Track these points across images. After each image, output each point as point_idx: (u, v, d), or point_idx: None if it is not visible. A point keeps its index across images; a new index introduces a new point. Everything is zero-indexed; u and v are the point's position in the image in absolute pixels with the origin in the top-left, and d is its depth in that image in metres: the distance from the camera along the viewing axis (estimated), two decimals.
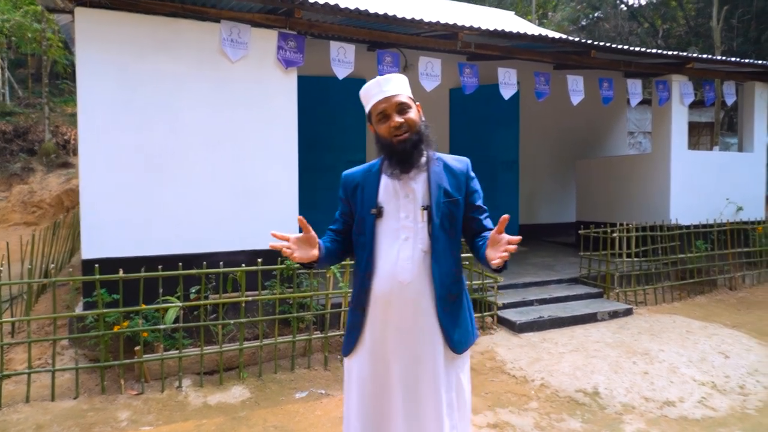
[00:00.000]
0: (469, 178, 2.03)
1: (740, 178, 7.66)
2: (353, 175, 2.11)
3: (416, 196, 1.96)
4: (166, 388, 3.88)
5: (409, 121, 1.91)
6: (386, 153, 1.97)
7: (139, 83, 4.39)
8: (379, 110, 1.93)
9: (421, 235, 1.94)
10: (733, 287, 6.75)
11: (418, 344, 1.95)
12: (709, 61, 7.04)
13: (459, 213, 1.99)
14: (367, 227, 1.98)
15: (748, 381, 4.14)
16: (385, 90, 1.93)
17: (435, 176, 1.97)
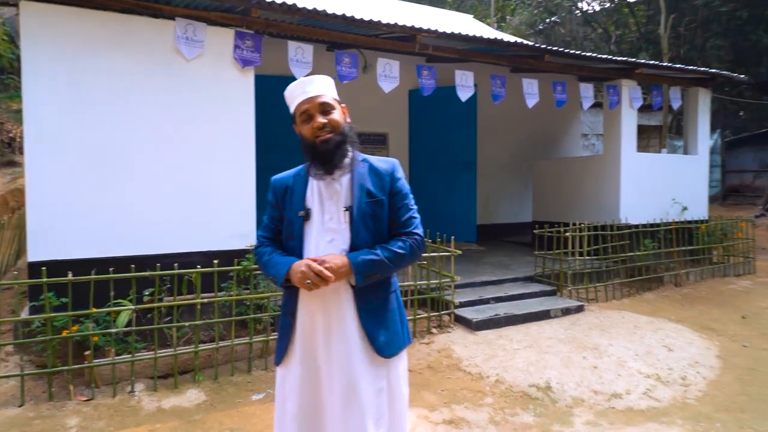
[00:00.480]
0: (394, 178, 2.02)
1: (685, 179, 8.01)
2: (283, 179, 2.10)
3: (340, 197, 1.97)
4: (117, 393, 3.80)
5: (332, 121, 1.94)
6: (310, 154, 1.97)
7: (90, 80, 4.26)
8: (303, 110, 1.95)
9: (345, 236, 1.95)
10: (678, 284, 7.06)
11: (344, 348, 1.93)
12: (656, 67, 7.34)
13: (383, 213, 1.98)
14: (296, 230, 1.99)
15: (689, 372, 4.35)
16: (308, 91, 1.94)
17: (358, 177, 1.98)
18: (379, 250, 1.92)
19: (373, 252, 1.91)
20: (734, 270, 7.84)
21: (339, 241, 1.95)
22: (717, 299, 6.58)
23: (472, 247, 8.27)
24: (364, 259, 1.89)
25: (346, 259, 1.88)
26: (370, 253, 1.91)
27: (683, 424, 3.54)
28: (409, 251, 1.97)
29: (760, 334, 5.30)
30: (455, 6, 20.51)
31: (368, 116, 8.28)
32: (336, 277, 1.84)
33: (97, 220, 4.32)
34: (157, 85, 4.50)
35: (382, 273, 1.94)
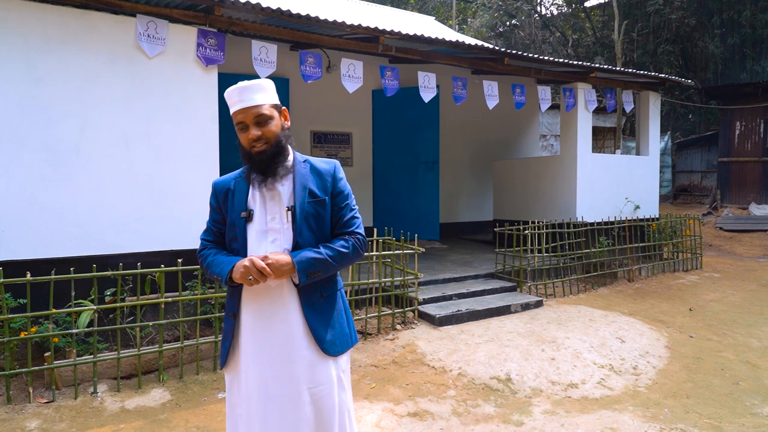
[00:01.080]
0: (336, 179, 2.03)
1: (638, 179, 8.37)
2: (224, 182, 2.10)
3: (282, 198, 1.97)
4: (79, 395, 3.74)
5: (266, 133, 1.91)
6: (247, 162, 1.97)
7: (46, 77, 4.17)
8: (238, 120, 1.93)
9: (287, 236, 1.95)
10: (631, 279, 7.38)
11: (288, 347, 1.92)
12: (610, 71, 7.64)
13: (326, 213, 2.00)
14: (239, 232, 1.98)
15: (640, 362, 4.58)
16: (243, 100, 1.91)
17: (300, 178, 1.98)
18: (322, 249, 1.93)
19: (316, 251, 1.92)
20: (683, 265, 8.24)
21: (282, 241, 1.95)
22: (666, 293, 6.91)
23: (434, 245, 8.42)
24: (308, 257, 1.89)
25: (289, 257, 1.87)
26: (313, 251, 1.91)
27: (634, 410, 3.74)
28: (351, 250, 1.99)
29: (705, 326, 5.61)
30: (417, 7, 20.72)
31: (332, 116, 8.33)
32: (278, 275, 1.84)
33: (55, 220, 4.23)
34: (118, 83, 4.44)
35: (325, 271, 1.94)
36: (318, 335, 1.95)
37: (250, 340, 1.94)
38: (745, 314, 6.06)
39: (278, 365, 1.91)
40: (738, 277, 7.91)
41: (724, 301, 6.61)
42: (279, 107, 2.00)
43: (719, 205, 13.35)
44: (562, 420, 3.61)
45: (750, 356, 4.79)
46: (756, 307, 6.37)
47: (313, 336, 1.94)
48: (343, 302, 2.10)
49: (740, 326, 5.63)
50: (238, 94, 1.91)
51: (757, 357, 4.77)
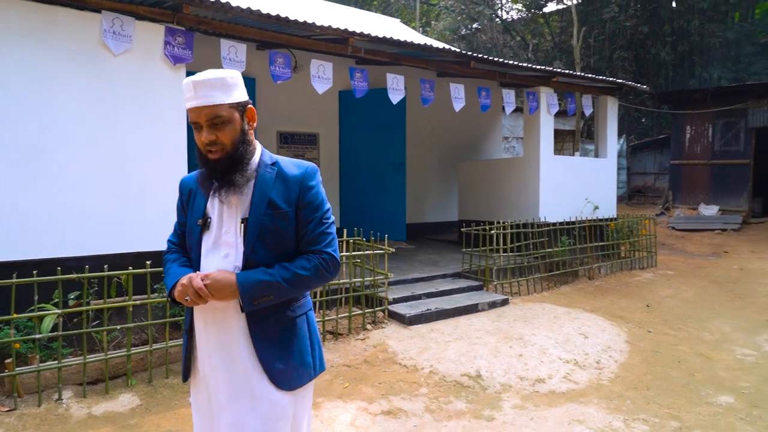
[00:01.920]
0: (304, 187, 1.71)
1: (597, 180, 8.66)
2: (187, 182, 1.86)
3: (238, 207, 1.70)
4: (43, 402, 3.62)
5: (222, 138, 1.63)
6: (201, 166, 1.71)
7: (6, 74, 4.02)
8: (191, 119, 1.65)
9: (239, 252, 1.68)
10: (591, 277, 7.64)
11: (238, 379, 1.68)
12: (571, 75, 7.89)
13: (288, 227, 1.70)
14: (194, 240, 1.76)
15: (603, 357, 4.76)
16: (198, 95, 1.61)
17: (261, 186, 1.69)
18: (276, 270, 1.65)
19: (266, 272, 1.64)
20: (639, 263, 8.57)
21: (234, 257, 1.68)
22: (625, 290, 7.19)
23: (402, 246, 8.49)
24: (255, 279, 1.62)
25: (233, 277, 1.61)
26: (262, 273, 1.63)
27: (599, 402, 3.89)
28: (313, 273, 1.68)
29: (662, 321, 5.87)
30: (381, 9, 20.82)
31: (299, 116, 8.30)
32: (218, 297, 1.60)
33: (15, 221, 4.08)
34: (82, 80, 4.32)
35: (276, 296, 1.65)
36: (269, 367, 1.68)
37: (203, 361, 1.75)
38: (697, 309, 6.36)
39: (228, 393, 1.69)
40: (690, 274, 8.29)
41: (678, 297, 6.92)
42: (243, 106, 1.69)
43: (671, 206, 13.94)
44: (531, 414, 3.72)
45: (703, 349, 5.05)
46: (707, 302, 6.69)
47: (264, 368, 1.68)
48: (309, 326, 1.81)
49: (694, 321, 5.91)
50: (192, 89, 1.62)
51: (710, 350, 5.03)
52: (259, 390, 1.68)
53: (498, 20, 20.33)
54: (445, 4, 20.43)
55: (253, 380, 1.68)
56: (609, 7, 17.04)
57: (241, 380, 1.68)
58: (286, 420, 1.72)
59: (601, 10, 17.63)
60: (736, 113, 12.75)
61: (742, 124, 12.68)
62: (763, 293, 7.08)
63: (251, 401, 1.68)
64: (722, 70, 17.05)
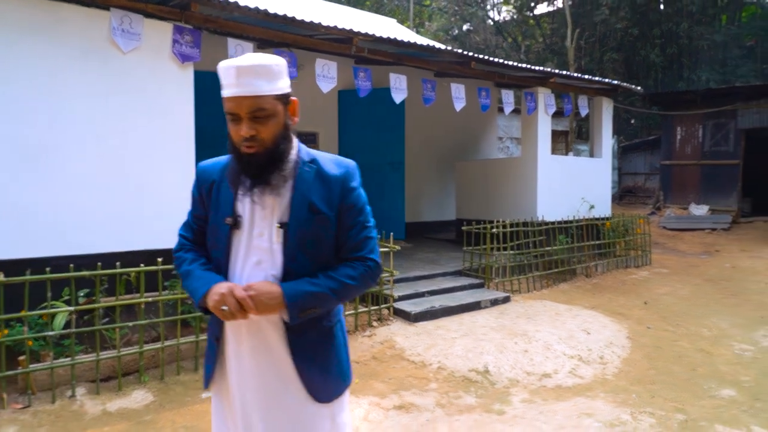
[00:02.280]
0: (346, 188, 1.58)
1: (592, 180, 8.79)
2: (210, 170, 1.67)
3: (274, 208, 1.55)
4: (57, 399, 3.62)
5: (263, 134, 1.47)
6: (234, 160, 1.55)
7: (14, 71, 4.01)
8: (229, 109, 1.48)
9: (276, 259, 1.54)
10: (589, 275, 7.75)
11: (272, 392, 1.58)
12: (568, 77, 8.00)
13: (329, 232, 1.57)
14: (221, 239, 1.58)
15: (606, 352, 4.85)
16: (239, 83, 1.44)
17: (301, 186, 1.54)
18: (322, 280, 1.53)
19: (313, 283, 1.51)
20: (634, 262, 8.71)
21: (267, 265, 1.55)
22: (622, 288, 7.30)
23: (401, 244, 8.54)
24: (303, 290, 1.49)
25: (278, 289, 1.47)
26: (309, 283, 1.51)
27: (605, 396, 3.97)
28: (359, 282, 1.57)
29: (660, 317, 5.98)
30: (374, 9, 20.87)
31: (299, 115, 8.31)
32: (262, 310, 1.45)
33: (24, 220, 4.08)
34: (91, 78, 4.32)
35: (322, 307, 1.55)
36: (308, 380, 1.58)
37: (235, 369, 1.61)
38: (694, 306, 6.49)
39: (264, 410, 1.59)
40: (684, 272, 8.44)
41: (675, 294, 7.05)
42: (286, 98, 1.54)
43: (662, 206, 14.14)
44: (541, 408, 3.79)
45: (703, 345, 5.16)
46: (703, 300, 6.83)
47: (303, 382, 1.58)
48: (342, 335, 1.70)
49: (691, 317, 6.03)
50: (234, 75, 1.44)
51: (710, 345, 5.14)
52: (298, 403, 1.59)
53: (491, 22, 20.48)
54: (437, 5, 20.54)
55: (292, 393, 1.58)
56: (600, 10, 17.26)
57: (278, 392, 1.58)
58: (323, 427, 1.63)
59: (592, 13, 17.86)
60: (725, 115, 12.98)
61: (732, 126, 12.92)
62: (756, 291, 7.24)
63: (289, 414, 1.59)
64: (710, 73, 17.33)
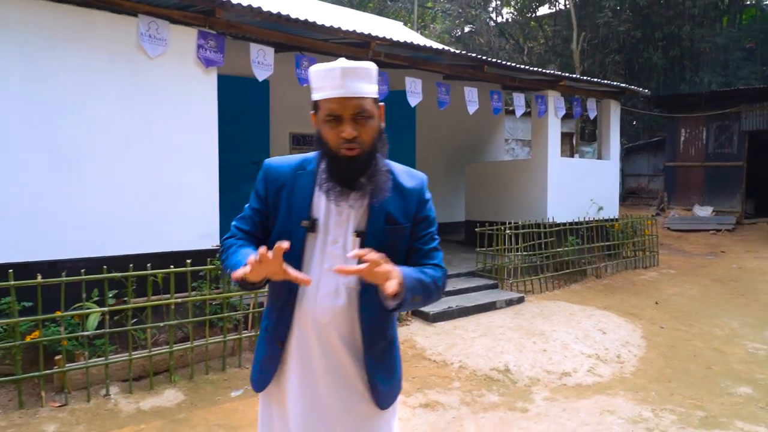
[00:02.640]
0: (421, 201, 1.61)
1: (600, 181, 8.88)
2: (279, 171, 1.62)
3: (351, 217, 1.55)
4: (92, 397, 3.70)
5: (364, 135, 1.47)
6: (327, 164, 1.53)
7: (47, 76, 4.09)
8: (330, 110, 1.46)
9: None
10: (599, 276, 7.84)
11: (342, 399, 1.58)
12: (577, 80, 8.10)
13: (403, 243, 1.58)
14: (295, 243, 1.53)
15: (623, 351, 4.94)
16: (345, 85, 1.43)
17: (380, 195, 1.54)
18: (425, 274, 1.54)
19: (422, 272, 1.54)
20: (642, 263, 8.80)
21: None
22: (632, 288, 7.40)
23: None
24: (414, 276, 1.49)
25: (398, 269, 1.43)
26: (418, 272, 1.52)
27: (625, 394, 4.06)
28: (442, 286, 1.60)
29: (672, 317, 6.08)
30: (377, 11, 20.98)
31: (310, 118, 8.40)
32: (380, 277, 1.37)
33: (56, 222, 4.16)
34: (119, 82, 4.41)
35: (422, 298, 1.53)
36: (375, 387, 1.59)
37: (298, 376, 1.59)
38: (704, 306, 6.58)
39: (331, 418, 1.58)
40: (691, 273, 8.54)
41: (684, 295, 7.14)
42: (377, 101, 1.53)
43: (666, 207, 14.25)
44: (563, 405, 3.88)
45: (716, 344, 5.25)
46: (712, 299, 6.92)
47: (369, 387, 1.59)
48: (396, 342, 1.70)
49: (702, 317, 6.12)
50: (338, 77, 1.43)
51: (723, 344, 5.23)
52: (364, 410, 1.60)
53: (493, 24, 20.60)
54: (441, 8, 20.67)
55: (359, 401, 1.59)
56: (603, 12, 17.37)
57: (347, 400, 1.58)
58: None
59: (595, 15, 17.97)
60: (729, 117, 13.10)
61: (736, 128, 13.03)
62: (765, 291, 7.34)
63: (356, 422, 1.59)
64: (712, 75, 17.45)
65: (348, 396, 1.58)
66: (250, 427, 3.48)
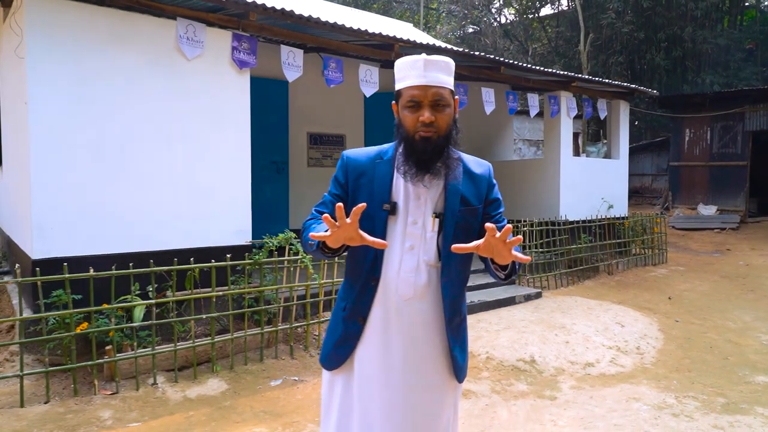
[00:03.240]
0: (491, 185, 1.79)
1: (611, 181, 9.06)
2: (359, 160, 1.77)
3: (428, 199, 1.69)
4: (140, 386, 3.85)
5: (440, 121, 1.62)
6: (405, 147, 1.67)
7: (94, 78, 4.23)
8: (411, 96, 1.62)
9: (429, 247, 1.68)
10: (611, 272, 8.02)
11: (423, 372, 1.70)
12: (588, 80, 8.28)
13: (475, 223, 1.72)
14: (378, 225, 1.68)
15: (642, 343, 5.11)
16: (426, 75, 1.61)
17: (454, 180, 1.70)
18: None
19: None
20: (651, 260, 8.99)
21: (420, 251, 1.68)
22: (644, 284, 7.58)
23: None
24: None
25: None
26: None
27: (648, 383, 4.23)
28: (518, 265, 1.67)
29: (686, 311, 6.25)
30: (381, 11, 21.15)
31: (327, 118, 8.56)
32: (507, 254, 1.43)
33: (102, 218, 4.31)
34: (160, 84, 4.55)
35: (515, 275, 1.68)
36: (454, 359, 1.74)
37: (375, 352, 1.71)
38: (715, 301, 6.77)
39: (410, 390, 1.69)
40: (700, 269, 8.72)
41: (696, 290, 7.32)
42: (454, 94, 1.70)
43: (671, 206, 14.44)
44: (590, 393, 4.05)
45: (731, 336, 5.43)
46: (723, 295, 7.11)
47: (449, 360, 1.74)
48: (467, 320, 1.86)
49: (715, 311, 6.30)
50: (420, 68, 1.61)
51: (737, 336, 5.41)
52: (442, 383, 1.73)
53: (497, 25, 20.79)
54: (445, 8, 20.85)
55: (438, 372, 1.72)
56: (606, 14, 17.55)
57: (425, 372, 1.70)
58: (456, 409, 1.82)
59: (599, 17, 18.15)
60: (733, 117, 13.30)
61: (740, 128, 13.23)
62: None
63: (434, 394, 1.72)
64: (714, 75, 17.65)
65: (426, 368, 1.69)
66: (294, 413, 3.64)
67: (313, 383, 4.12)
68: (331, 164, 8.58)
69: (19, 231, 4.76)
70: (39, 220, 4.04)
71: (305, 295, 4.75)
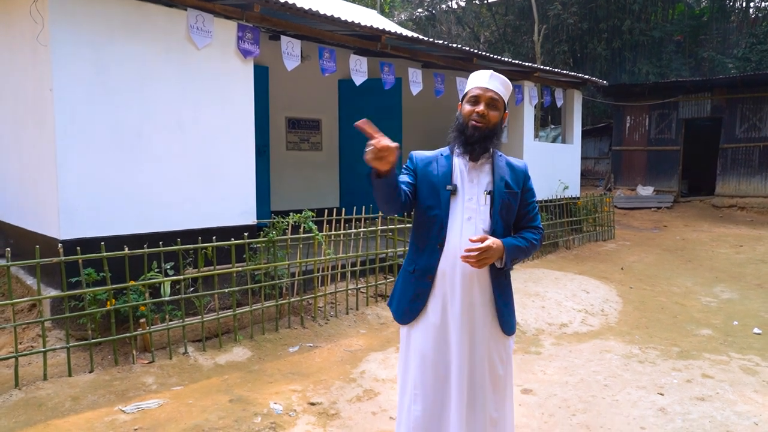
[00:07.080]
0: (527, 176, 2.25)
1: (566, 163, 9.86)
2: (425, 155, 2.29)
3: (481, 182, 2.16)
4: (173, 355, 4.16)
5: (490, 116, 2.10)
6: (457, 133, 2.16)
7: (112, 65, 4.41)
8: (474, 94, 2.12)
9: (483, 217, 2.13)
10: (569, 247, 8.82)
11: (478, 325, 2.13)
12: (548, 71, 8.96)
13: (515, 204, 2.18)
14: (443, 201, 2.14)
15: (605, 306, 5.85)
16: (488, 82, 2.12)
17: (499, 168, 2.18)
18: (521, 239, 2.16)
19: (519, 239, 2.15)
20: (601, 236, 9.89)
21: (477, 221, 2.13)
22: (598, 257, 8.42)
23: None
24: (514, 245, 2.11)
25: (501, 243, 2.04)
26: (516, 240, 2.14)
27: (615, 338, 4.94)
28: (538, 243, 2.23)
29: (637, 280, 7.09)
30: None
31: (304, 103, 8.84)
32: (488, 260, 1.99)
33: (121, 200, 4.53)
34: (173, 72, 4.77)
35: (520, 259, 2.20)
36: (502, 315, 2.17)
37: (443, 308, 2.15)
38: (661, 270, 7.67)
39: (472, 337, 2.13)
40: (644, 244, 9.71)
41: (643, 261, 8.23)
42: (505, 108, 2.20)
43: (613, 187, 15.62)
44: (569, 348, 4.70)
45: (677, 299, 6.27)
46: (667, 265, 8.04)
47: (496, 312, 2.16)
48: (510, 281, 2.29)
49: (661, 279, 7.18)
50: (486, 77, 2.15)
51: (682, 299, 6.26)
52: (494, 333, 2.17)
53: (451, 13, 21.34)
54: None
55: (490, 323, 2.16)
56: (553, 5, 18.48)
57: (481, 321, 2.14)
58: (509, 359, 2.24)
59: (546, 7, 19.07)
60: (669, 106, 14.52)
61: (674, 116, 14.47)
62: (706, 258, 8.55)
63: (488, 344, 2.15)
64: (649, 66, 19.00)
65: (481, 318, 2.14)
66: (319, 373, 4.06)
67: (328, 348, 4.56)
68: (308, 148, 8.90)
69: (31, 214, 4.87)
70: (66, 203, 4.23)
71: (313, 269, 5.14)
